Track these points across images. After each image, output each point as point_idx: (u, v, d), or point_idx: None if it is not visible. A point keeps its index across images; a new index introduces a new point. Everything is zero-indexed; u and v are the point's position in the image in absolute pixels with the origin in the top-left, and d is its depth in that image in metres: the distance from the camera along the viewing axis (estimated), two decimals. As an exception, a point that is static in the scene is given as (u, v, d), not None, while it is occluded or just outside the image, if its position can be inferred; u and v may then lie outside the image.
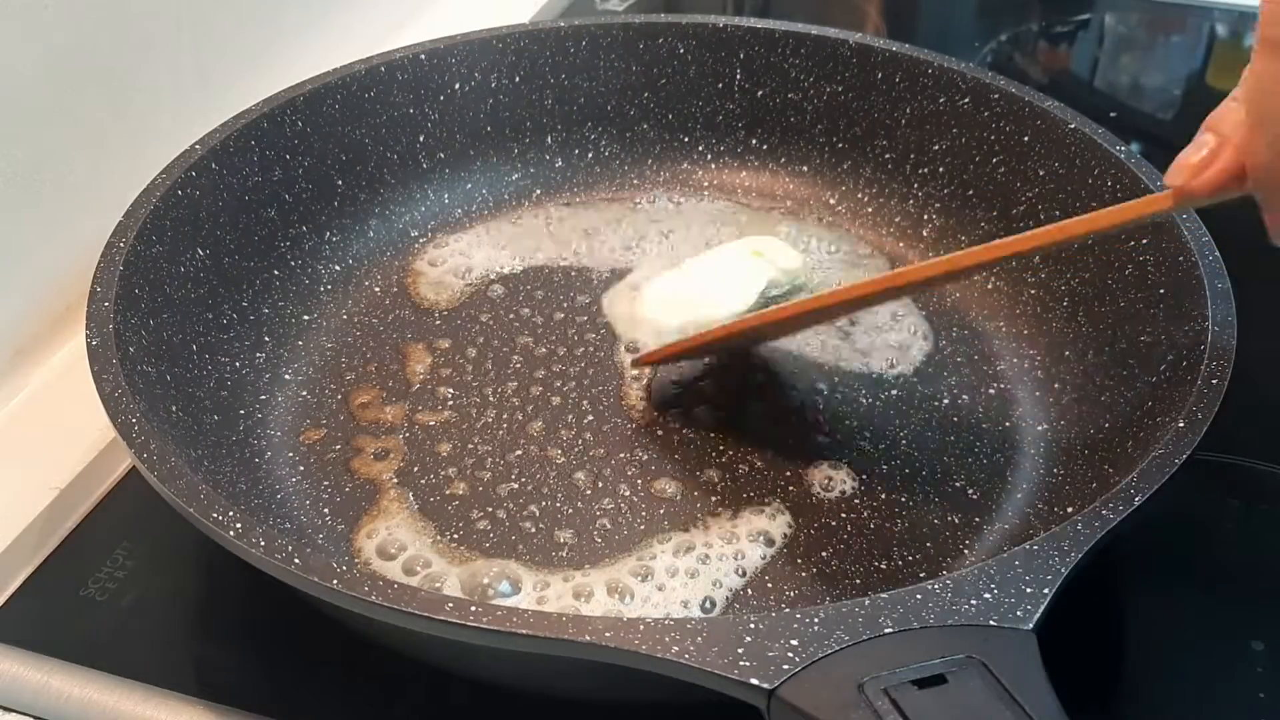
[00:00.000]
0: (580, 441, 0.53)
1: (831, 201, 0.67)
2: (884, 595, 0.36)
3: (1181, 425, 0.42)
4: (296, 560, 0.37)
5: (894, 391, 0.56)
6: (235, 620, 0.48)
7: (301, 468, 0.52)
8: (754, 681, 0.34)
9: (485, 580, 0.47)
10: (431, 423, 0.54)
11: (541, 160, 0.68)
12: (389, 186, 0.64)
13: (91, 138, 0.58)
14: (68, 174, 0.57)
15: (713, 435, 0.54)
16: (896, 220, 0.65)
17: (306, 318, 0.59)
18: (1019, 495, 0.51)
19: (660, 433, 0.54)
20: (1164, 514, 0.40)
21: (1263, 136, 0.35)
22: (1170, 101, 0.86)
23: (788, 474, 0.52)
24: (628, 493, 0.51)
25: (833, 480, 0.51)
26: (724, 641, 0.35)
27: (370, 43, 0.67)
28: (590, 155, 0.69)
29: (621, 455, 0.53)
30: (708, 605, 0.46)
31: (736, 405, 0.55)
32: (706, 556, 0.48)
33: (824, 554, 0.48)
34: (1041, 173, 0.59)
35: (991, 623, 0.36)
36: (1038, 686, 0.34)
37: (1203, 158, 0.37)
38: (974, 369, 0.57)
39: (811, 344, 0.58)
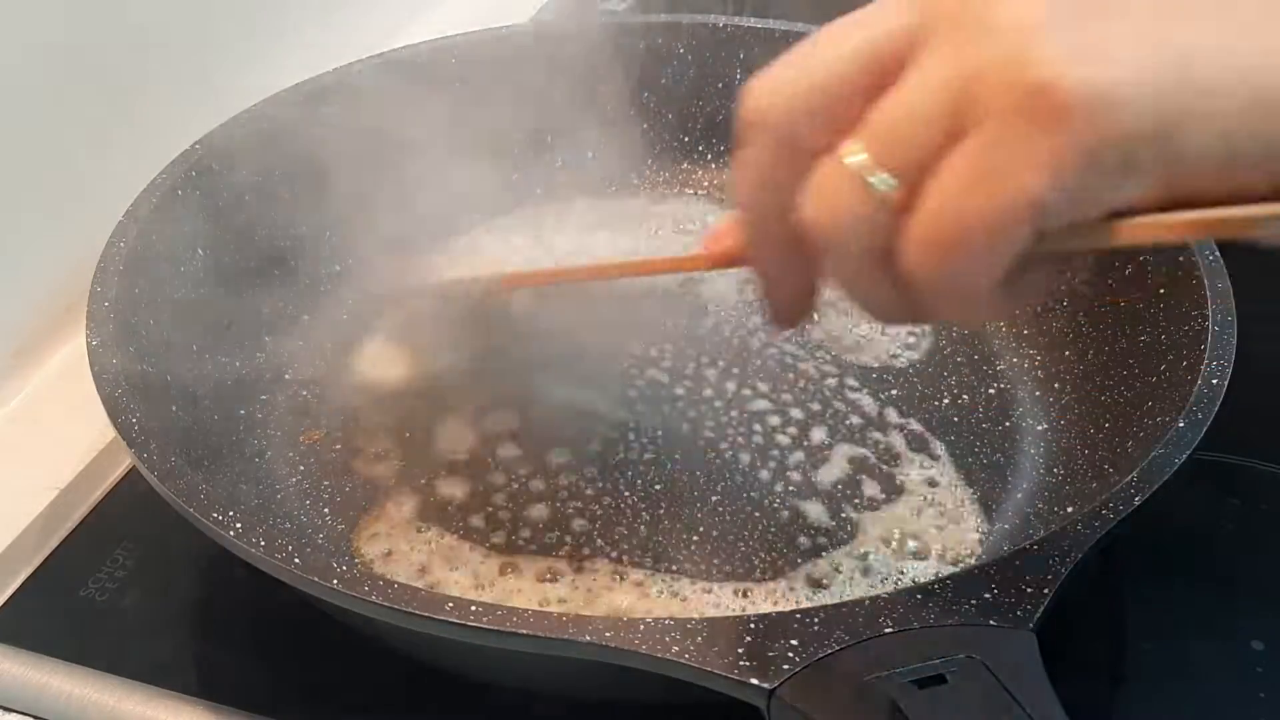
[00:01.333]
0: (586, 438, 0.53)
1: (831, 201, 0.67)
2: (884, 595, 0.36)
3: (1181, 425, 0.42)
4: (296, 560, 0.37)
5: (894, 391, 0.56)
6: (235, 620, 0.48)
7: (301, 468, 0.52)
8: (754, 681, 0.34)
9: (486, 580, 0.47)
10: (433, 423, 0.54)
11: (542, 160, 0.68)
12: (389, 186, 0.64)
13: (91, 138, 0.58)
14: (68, 174, 0.57)
15: (712, 434, 0.54)
16: (896, 220, 0.65)
17: (306, 318, 0.59)
18: (1019, 495, 0.51)
19: (660, 433, 0.54)
20: (1164, 514, 0.40)
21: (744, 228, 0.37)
22: (1170, 101, 0.86)
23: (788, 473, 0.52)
24: (628, 493, 0.51)
25: (833, 480, 0.52)
26: (724, 641, 0.35)
27: (370, 43, 0.67)
28: (590, 155, 0.69)
29: (623, 455, 0.53)
30: (709, 605, 0.46)
31: (737, 406, 0.55)
32: (706, 556, 0.48)
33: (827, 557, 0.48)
34: (1041, 173, 0.59)
35: (991, 623, 0.35)
36: (1038, 686, 0.34)
37: (720, 234, 0.39)
38: (974, 369, 0.57)
39: (811, 343, 0.59)
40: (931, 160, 0.29)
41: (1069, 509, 0.47)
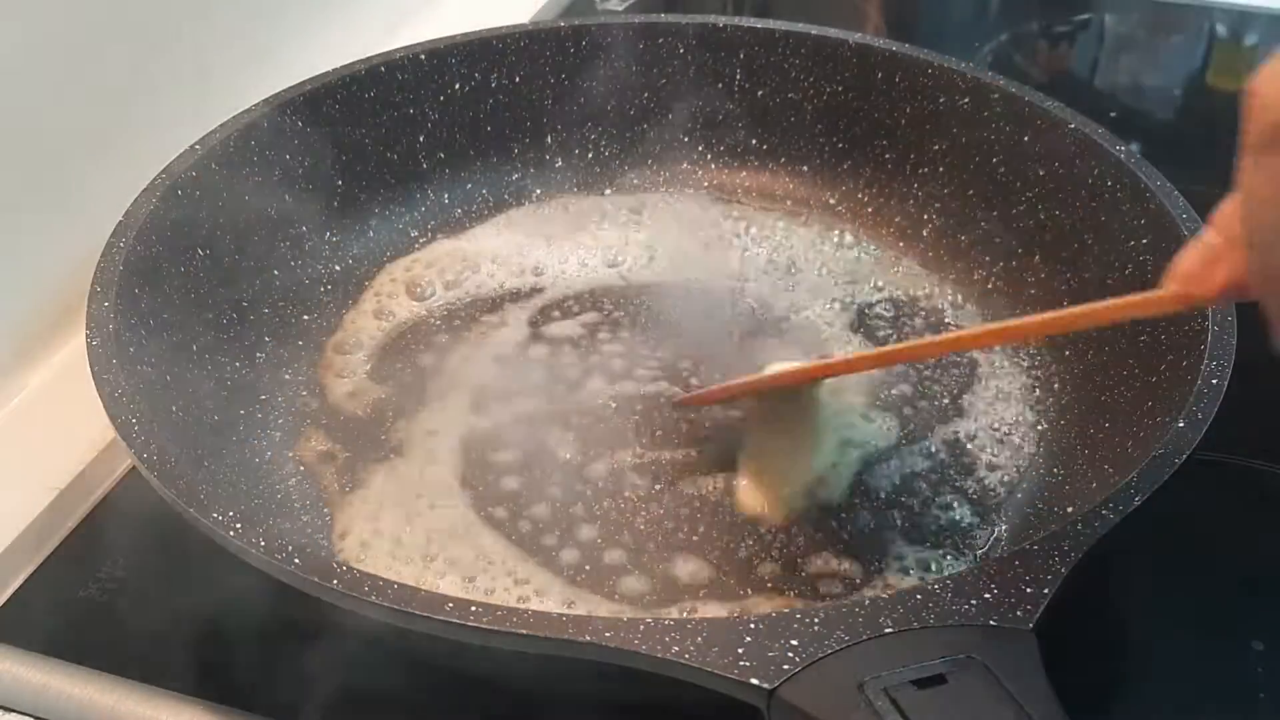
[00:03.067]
0: (584, 439, 0.53)
1: (831, 201, 0.67)
2: (884, 595, 0.36)
3: (1181, 425, 0.42)
4: (296, 560, 0.37)
5: (893, 391, 0.56)
6: (235, 620, 0.48)
7: (302, 468, 0.52)
8: (754, 681, 0.34)
9: (485, 580, 0.47)
10: (433, 424, 0.54)
11: (541, 160, 0.68)
12: (389, 186, 0.64)
13: (91, 138, 0.58)
14: (68, 174, 0.57)
15: (711, 441, 0.54)
16: (896, 220, 0.65)
17: (306, 318, 0.59)
18: (1019, 495, 0.51)
19: (657, 417, 0.54)
20: (1164, 514, 0.40)
21: (1256, 257, 0.31)
22: (1170, 101, 0.86)
23: (788, 474, 0.52)
24: (629, 493, 0.51)
25: (833, 480, 0.51)
26: (724, 641, 0.35)
27: (370, 43, 0.67)
28: (590, 155, 0.69)
29: (624, 452, 0.53)
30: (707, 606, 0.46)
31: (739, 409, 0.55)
32: (706, 556, 0.48)
33: (824, 553, 0.48)
34: (1041, 173, 0.59)
35: (991, 623, 0.36)
36: (1038, 686, 0.34)
37: (1203, 267, 0.34)
38: (974, 368, 0.57)
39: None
40: None
41: (1069, 509, 0.47)
